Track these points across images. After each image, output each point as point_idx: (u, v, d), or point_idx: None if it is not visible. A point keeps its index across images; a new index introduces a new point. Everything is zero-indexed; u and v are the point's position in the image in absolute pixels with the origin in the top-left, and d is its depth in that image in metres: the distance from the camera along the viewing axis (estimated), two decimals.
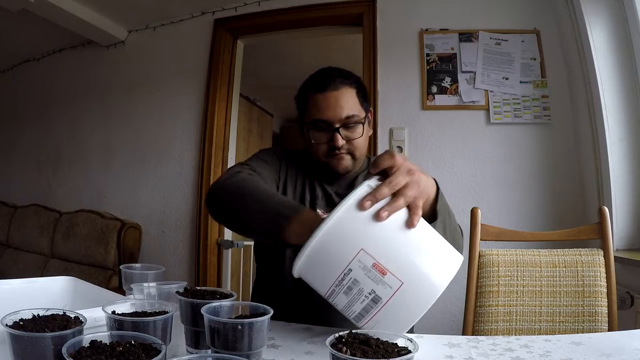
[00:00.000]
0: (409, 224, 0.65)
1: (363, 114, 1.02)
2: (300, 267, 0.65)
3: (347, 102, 0.99)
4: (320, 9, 2.33)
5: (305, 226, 0.71)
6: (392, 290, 0.61)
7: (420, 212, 0.66)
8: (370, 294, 0.61)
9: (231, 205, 0.85)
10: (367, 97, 1.07)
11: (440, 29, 2.14)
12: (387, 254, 0.62)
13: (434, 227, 0.72)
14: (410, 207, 0.66)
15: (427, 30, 2.16)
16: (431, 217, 0.78)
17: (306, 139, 1.04)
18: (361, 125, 1.01)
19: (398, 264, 0.62)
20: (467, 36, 2.11)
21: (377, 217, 0.63)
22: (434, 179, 0.77)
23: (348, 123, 0.99)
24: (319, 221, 0.64)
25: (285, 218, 0.74)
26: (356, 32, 2.35)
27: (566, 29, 1.94)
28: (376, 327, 0.62)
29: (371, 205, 0.63)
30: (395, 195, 0.65)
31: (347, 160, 1.01)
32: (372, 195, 0.64)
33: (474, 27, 2.11)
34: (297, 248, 0.65)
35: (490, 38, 2.09)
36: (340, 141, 0.98)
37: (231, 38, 2.57)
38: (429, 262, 0.64)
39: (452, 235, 0.84)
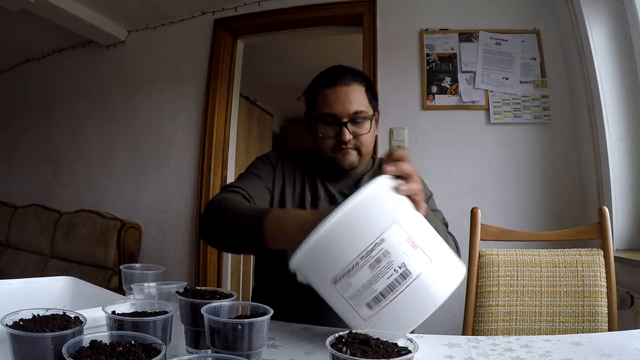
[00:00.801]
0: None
1: (371, 112, 1.03)
2: (325, 234, 0.60)
3: (357, 97, 1.00)
4: (320, 9, 2.33)
5: (280, 219, 0.74)
6: (422, 266, 0.60)
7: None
8: (400, 267, 0.59)
9: (216, 231, 0.88)
10: (376, 97, 1.08)
11: (440, 29, 2.14)
12: (418, 232, 0.63)
13: None
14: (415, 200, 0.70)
15: (427, 30, 2.16)
16: None
17: (313, 134, 1.05)
18: (369, 122, 1.02)
19: (428, 243, 0.63)
20: (467, 36, 2.11)
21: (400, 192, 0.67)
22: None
23: (356, 118, 1.00)
24: (293, 215, 0.67)
25: (258, 222, 0.75)
26: (356, 32, 2.35)
27: (566, 29, 1.94)
28: (389, 316, 0.59)
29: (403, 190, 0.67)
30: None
31: (353, 156, 1.02)
32: (404, 183, 0.69)
33: (474, 27, 2.11)
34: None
35: (490, 38, 2.09)
36: (348, 135, 0.99)
37: (231, 38, 2.57)
38: (449, 252, 0.68)
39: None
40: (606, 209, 1.19)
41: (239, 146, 2.79)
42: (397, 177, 0.70)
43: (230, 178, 2.53)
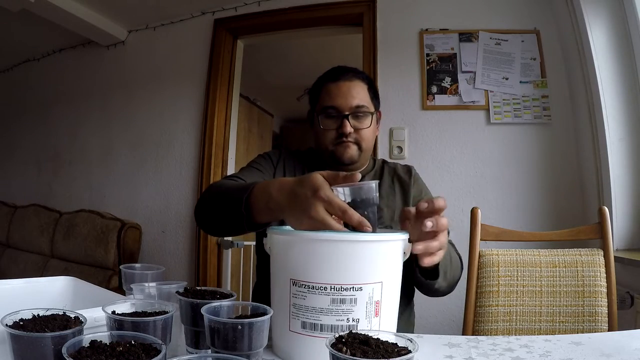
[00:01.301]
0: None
1: (372, 109, 1.06)
2: (323, 241, 0.61)
3: (359, 93, 1.04)
4: (320, 9, 2.33)
5: (263, 191, 0.73)
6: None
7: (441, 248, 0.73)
8: (353, 320, 0.62)
9: (209, 211, 0.89)
10: (378, 97, 1.12)
11: (440, 29, 2.14)
12: (388, 303, 0.65)
13: (433, 282, 0.85)
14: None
15: (427, 30, 2.16)
16: (433, 270, 0.85)
17: (315, 128, 1.07)
18: (370, 117, 1.05)
19: (385, 319, 0.64)
20: (467, 36, 2.11)
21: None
22: None
23: (357, 112, 1.03)
24: (277, 181, 0.69)
25: (246, 192, 0.76)
26: (356, 32, 2.35)
27: (566, 29, 1.93)
28: (300, 345, 0.61)
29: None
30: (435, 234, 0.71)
31: (353, 150, 1.04)
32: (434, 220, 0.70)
33: (474, 27, 2.11)
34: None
35: (490, 38, 2.09)
36: (349, 128, 1.01)
37: (231, 38, 2.57)
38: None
39: (450, 282, 0.93)
40: (606, 209, 1.19)
41: (239, 146, 2.79)
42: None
43: None
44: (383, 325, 0.63)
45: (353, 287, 0.60)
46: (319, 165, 1.09)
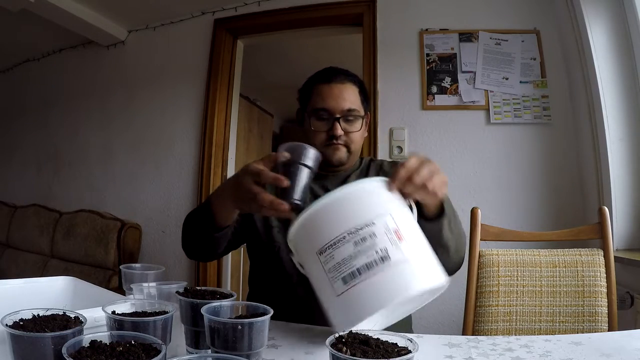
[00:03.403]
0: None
1: (362, 112, 1.07)
2: (322, 205, 0.67)
3: (350, 96, 1.04)
4: (320, 9, 2.32)
5: (218, 189, 0.89)
6: (402, 257, 0.63)
7: (437, 179, 0.75)
8: (381, 250, 0.63)
9: (187, 239, 1.01)
10: (368, 100, 1.12)
11: (440, 29, 2.14)
12: (408, 229, 0.67)
13: (440, 222, 0.84)
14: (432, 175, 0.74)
15: (427, 30, 2.15)
16: (439, 213, 0.85)
17: (305, 128, 1.07)
18: (360, 121, 1.06)
19: (413, 242, 0.66)
20: (467, 36, 2.11)
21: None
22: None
23: (348, 115, 1.03)
24: (226, 180, 0.78)
25: (207, 202, 0.90)
26: (356, 32, 2.35)
27: (566, 29, 1.93)
28: (352, 298, 0.63)
29: (395, 186, 0.71)
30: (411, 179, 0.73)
31: (342, 152, 1.05)
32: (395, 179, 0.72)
33: (474, 27, 2.11)
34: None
35: (490, 38, 2.09)
36: (339, 131, 1.02)
37: (231, 38, 2.57)
38: (432, 258, 0.70)
39: (457, 238, 0.91)
40: (606, 209, 1.19)
41: (239, 146, 2.79)
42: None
43: None
44: (414, 246, 0.66)
45: (365, 224, 0.64)
46: None
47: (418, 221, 0.77)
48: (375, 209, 0.67)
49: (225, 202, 0.84)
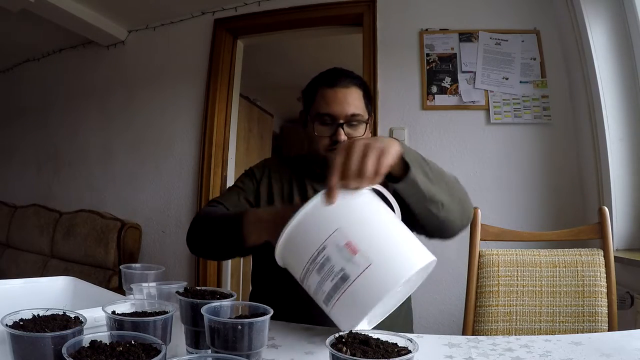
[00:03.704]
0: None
1: (367, 116, 1.05)
2: (281, 250, 0.68)
3: (355, 100, 1.03)
4: (320, 9, 2.32)
5: (256, 216, 0.83)
6: (360, 269, 0.63)
7: (373, 156, 0.68)
8: (340, 271, 0.63)
9: (201, 240, 0.98)
10: (372, 103, 1.10)
11: (440, 29, 2.14)
12: (360, 235, 0.65)
13: (408, 179, 0.77)
14: (363, 157, 0.68)
15: (427, 30, 2.15)
16: (406, 171, 0.78)
17: (308, 132, 1.07)
18: (364, 125, 1.04)
19: (369, 246, 0.65)
20: (467, 36, 2.11)
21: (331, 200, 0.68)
22: (397, 140, 0.77)
23: (352, 120, 1.02)
24: (267, 208, 0.73)
25: (238, 220, 0.84)
26: (356, 32, 2.35)
27: (566, 29, 1.93)
28: (339, 312, 0.65)
29: (332, 197, 0.68)
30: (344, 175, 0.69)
31: None
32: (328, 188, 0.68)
33: (474, 27, 2.11)
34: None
35: (490, 38, 2.09)
36: (343, 136, 1.00)
37: (231, 38, 2.57)
38: (398, 249, 0.68)
39: (445, 185, 0.86)
40: (606, 209, 1.19)
41: (239, 146, 2.79)
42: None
43: (230, 178, 2.53)
44: (375, 248, 0.65)
45: (318, 251, 0.65)
46: (308, 171, 1.08)
47: (392, 187, 0.76)
48: (323, 230, 0.66)
49: (261, 234, 0.81)
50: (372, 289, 0.63)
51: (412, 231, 0.93)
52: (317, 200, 0.68)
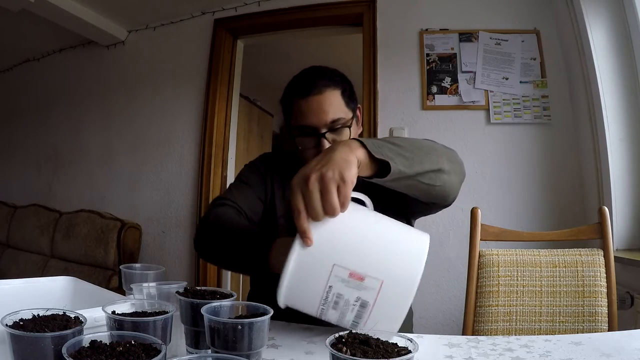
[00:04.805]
0: (342, 206, 0.64)
1: (350, 115, 1.00)
2: (285, 298, 0.66)
3: (332, 105, 0.96)
4: (320, 9, 2.33)
5: (283, 250, 0.71)
6: (375, 291, 0.62)
7: (333, 190, 0.62)
8: (356, 301, 0.62)
9: (216, 251, 0.92)
10: (354, 96, 1.04)
11: (440, 29, 2.14)
12: (359, 259, 0.63)
13: (392, 171, 0.71)
14: (324, 194, 0.63)
15: (427, 30, 2.16)
16: (383, 168, 0.72)
17: (295, 142, 1.02)
18: (348, 129, 0.99)
19: (372, 265, 0.63)
20: (467, 36, 2.11)
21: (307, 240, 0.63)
22: (356, 139, 0.72)
23: (334, 127, 0.96)
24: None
25: (264, 249, 0.79)
26: (356, 32, 2.35)
27: (566, 29, 1.94)
28: (375, 327, 0.63)
29: (309, 239, 0.63)
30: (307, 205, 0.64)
31: None
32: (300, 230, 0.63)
33: (474, 27, 2.11)
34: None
35: (490, 38, 2.09)
36: (327, 146, 0.95)
37: (231, 38, 2.57)
38: (399, 253, 0.65)
39: (425, 154, 0.79)
40: (606, 209, 1.19)
41: (239, 146, 2.79)
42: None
43: (231, 178, 2.53)
44: (380, 264, 0.63)
45: (327, 292, 0.63)
46: None
47: (379, 184, 0.73)
48: (319, 272, 0.63)
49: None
50: (396, 300, 0.62)
51: (413, 216, 0.91)
52: (297, 248, 0.63)
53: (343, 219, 0.66)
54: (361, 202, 0.72)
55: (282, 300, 0.66)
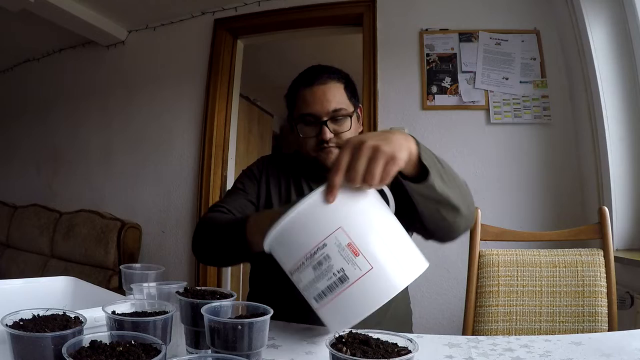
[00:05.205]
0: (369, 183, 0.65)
1: (351, 109, 1.03)
2: (273, 239, 0.66)
3: (335, 95, 1.00)
4: (320, 9, 2.33)
5: (259, 222, 0.80)
6: (360, 272, 0.62)
7: (381, 162, 0.64)
8: (338, 272, 0.62)
9: (205, 247, 0.96)
10: (356, 94, 1.07)
11: (440, 29, 2.14)
12: (364, 238, 0.63)
13: (427, 180, 0.73)
14: (371, 162, 0.64)
15: (427, 30, 2.15)
16: (422, 172, 0.74)
17: (295, 135, 1.05)
18: (349, 119, 1.01)
19: (372, 250, 0.63)
20: (467, 36, 2.11)
21: (330, 199, 0.64)
22: (412, 136, 0.74)
23: (336, 116, 1.00)
24: (268, 212, 0.70)
25: (240, 227, 0.82)
26: (356, 32, 2.35)
27: (566, 29, 1.94)
28: (330, 313, 0.63)
29: (332, 196, 0.65)
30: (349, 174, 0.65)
31: (335, 154, 1.00)
32: (329, 186, 0.65)
33: (474, 27, 2.11)
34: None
35: (490, 38, 2.09)
36: (328, 134, 0.98)
37: (231, 38, 2.57)
38: (399, 257, 0.66)
39: (457, 190, 0.82)
40: (606, 209, 1.19)
41: (239, 146, 2.79)
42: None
43: (230, 178, 2.53)
44: (376, 252, 0.63)
45: (318, 247, 0.62)
46: (304, 168, 1.08)
47: (404, 185, 0.73)
48: (324, 226, 0.63)
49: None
50: (370, 295, 0.62)
51: (409, 231, 0.91)
52: (316, 196, 0.65)
53: (370, 199, 0.68)
54: (384, 197, 0.73)
55: (269, 240, 0.66)
